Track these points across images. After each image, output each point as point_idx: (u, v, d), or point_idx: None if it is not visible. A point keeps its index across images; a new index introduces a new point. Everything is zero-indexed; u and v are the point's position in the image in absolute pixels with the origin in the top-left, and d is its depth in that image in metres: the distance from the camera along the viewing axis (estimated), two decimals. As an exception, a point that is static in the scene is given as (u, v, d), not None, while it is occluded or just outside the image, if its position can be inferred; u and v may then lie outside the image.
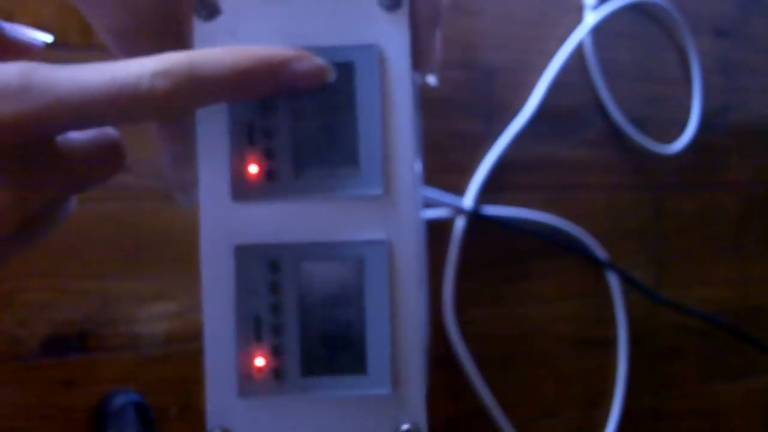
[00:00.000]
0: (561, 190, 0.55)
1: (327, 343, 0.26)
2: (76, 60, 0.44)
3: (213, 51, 0.22)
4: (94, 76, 0.21)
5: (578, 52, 0.56)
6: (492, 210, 0.53)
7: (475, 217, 0.52)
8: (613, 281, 0.56)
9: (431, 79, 0.31)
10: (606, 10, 0.57)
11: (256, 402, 0.26)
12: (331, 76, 0.24)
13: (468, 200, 0.52)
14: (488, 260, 0.53)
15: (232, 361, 0.26)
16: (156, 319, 0.43)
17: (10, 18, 0.41)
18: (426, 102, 0.49)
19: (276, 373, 0.26)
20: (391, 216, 0.26)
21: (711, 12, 0.63)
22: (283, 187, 0.26)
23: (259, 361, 0.26)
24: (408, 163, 0.26)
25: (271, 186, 0.26)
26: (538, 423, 0.53)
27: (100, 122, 0.22)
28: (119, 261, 0.43)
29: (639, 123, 0.58)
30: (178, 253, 0.44)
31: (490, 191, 0.52)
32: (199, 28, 0.25)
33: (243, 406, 0.26)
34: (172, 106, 0.21)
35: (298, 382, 0.26)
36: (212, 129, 0.26)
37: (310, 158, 0.26)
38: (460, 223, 0.52)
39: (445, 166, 0.52)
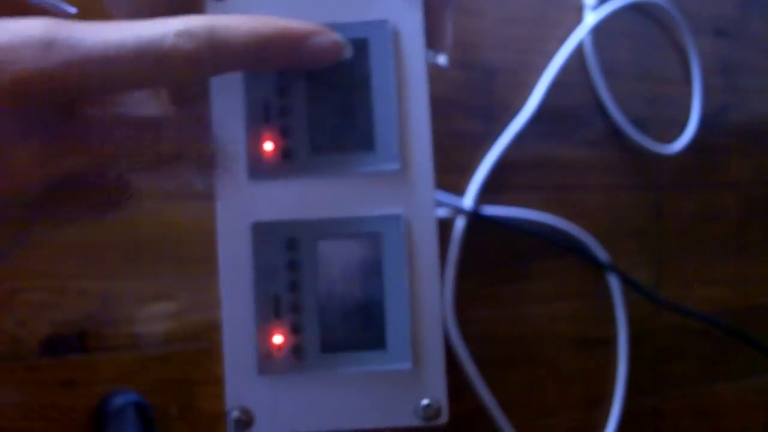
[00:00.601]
0: (561, 190, 0.55)
1: (346, 320, 0.26)
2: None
3: (235, 17, 0.22)
4: (119, 33, 0.21)
5: (578, 52, 0.56)
6: (492, 210, 0.53)
7: (474, 218, 0.52)
8: (614, 282, 0.56)
9: (442, 59, 0.31)
10: (606, 10, 0.57)
11: (275, 380, 0.26)
12: (348, 52, 0.24)
13: (468, 200, 0.52)
14: (488, 260, 0.53)
15: (251, 340, 0.26)
16: (156, 319, 0.43)
17: (10, 18, 0.41)
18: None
19: (295, 350, 0.26)
20: (408, 191, 0.26)
21: (711, 12, 0.63)
22: (299, 164, 0.26)
23: (278, 339, 0.26)
24: (424, 138, 0.26)
25: (287, 164, 0.26)
26: (538, 423, 0.53)
27: (123, 82, 0.21)
28: (119, 261, 0.43)
29: (639, 123, 0.58)
30: (178, 253, 0.44)
31: (490, 191, 0.52)
32: (212, 8, 0.25)
33: (262, 384, 0.26)
34: (193, 68, 0.21)
35: (317, 358, 0.26)
36: (227, 107, 0.26)
37: (325, 135, 0.26)
38: (459, 224, 0.52)
39: (444, 166, 0.52)
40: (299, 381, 0.26)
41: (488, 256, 0.53)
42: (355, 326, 0.26)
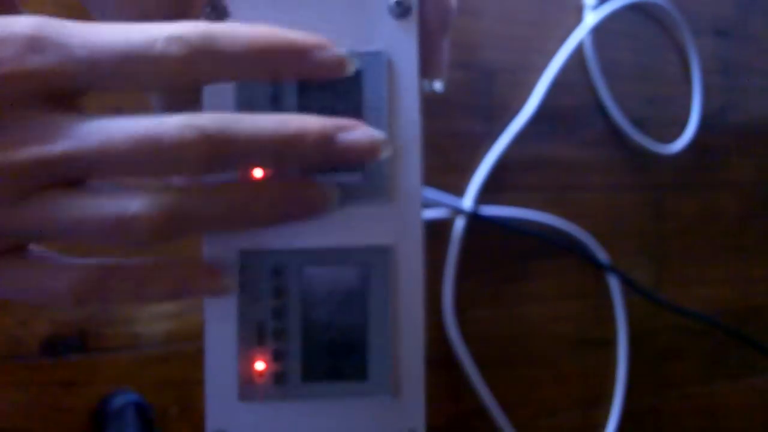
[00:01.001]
0: (561, 190, 0.55)
1: (329, 349, 0.26)
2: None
3: (234, 25, 0.21)
4: (109, 34, 0.20)
5: (578, 52, 0.56)
6: (491, 210, 0.53)
7: (474, 218, 0.52)
8: (613, 282, 0.56)
9: (438, 86, 0.31)
10: (606, 10, 0.57)
11: (256, 406, 0.26)
12: (352, 68, 0.23)
13: (467, 201, 0.52)
14: (488, 260, 0.53)
15: (233, 365, 0.26)
16: (156, 319, 0.43)
17: (10, 18, 0.41)
18: (426, 102, 0.49)
19: (277, 377, 0.26)
20: (396, 223, 0.26)
21: (711, 12, 0.63)
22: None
23: (260, 366, 0.26)
24: (415, 170, 0.26)
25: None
26: (538, 423, 0.53)
27: (110, 83, 0.21)
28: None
29: (639, 123, 0.58)
30: (178, 254, 0.44)
31: (489, 191, 0.52)
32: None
33: (243, 410, 0.26)
34: (183, 74, 0.20)
35: (299, 386, 0.26)
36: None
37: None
38: (459, 224, 0.52)
39: (444, 166, 0.52)
40: (280, 408, 0.26)
41: (488, 256, 0.53)
42: (338, 356, 0.26)
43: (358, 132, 0.23)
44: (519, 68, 0.55)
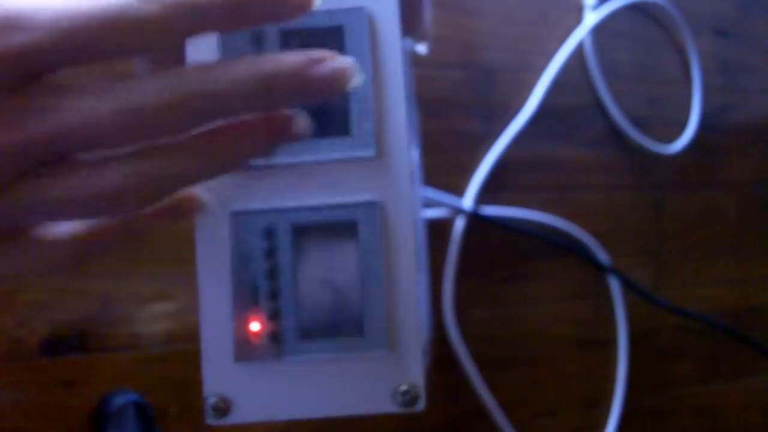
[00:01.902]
0: (561, 190, 0.55)
1: (323, 307, 0.26)
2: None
3: None
4: (78, 3, 0.19)
5: (578, 52, 0.56)
6: (491, 210, 0.53)
7: (474, 218, 0.52)
8: (613, 282, 0.56)
9: (422, 48, 0.31)
10: (606, 10, 0.57)
11: (253, 367, 0.26)
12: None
13: (467, 201, 0.52)
14: (488, 260, 0.53)
15: (228, 328, 0.26)
16: (156, 319, 0.43)
17: (10, 18, 0.41)
18: (426, 102, 0.49)
19: (273, 337, 0.26)
20: (383, 178, 0.26)
21: (711, 12, 0.63)
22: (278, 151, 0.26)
23: (256, 326, 0.26)
24: (400, 124, 0.26)
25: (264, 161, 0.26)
26: (538, 423, 0.53)
27: (88, 54, 0.20)
28: (119, 261, 0.43)
29: (639, 123, 0.58)
30: (178, 253, 0.44)
31: (489, 191, 0.52)
32: None
33: (239, 372, 0.26)
34: (164, 32, 0.20)
35: (295, 345, 0.26)
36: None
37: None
38: (459, 224, 0.52)
39: (444, 166, 0.52)
40: (276, 368, 0.26)
41: (488, 256, 0.53)
42: (332, 313, 0.26)
43: (335, 62, 0.22)
44: (519, 68, 0.55)
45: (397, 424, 0.49)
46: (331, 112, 0.26)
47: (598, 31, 0.57)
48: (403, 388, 0.26)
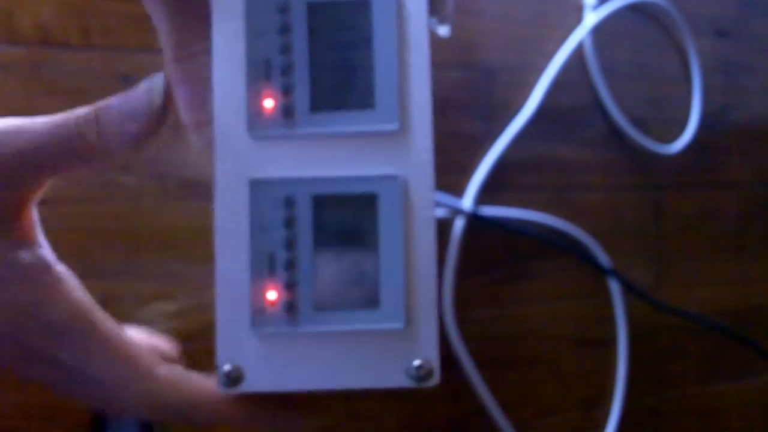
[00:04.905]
0: (561, 190, 0.55)
1: (340, 279, 0.26)
2: (75, 60, 0.44)
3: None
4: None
5: (578, 52, 0.56)
6: (491, 211, 0.53)
7: (474, 218, 0.52)
8: (613, 283, 0.56)
9: (443, 30, 0.31)
10: (606, 10, 0.57)
11: (267, 337, 0.26)
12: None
13: (467, 201, 0.52)
14: (488, 260, 0.53)
15: (244, 296, 0.26)
16: (156, 319, 0.43)
17: (10, 17, 0.41)
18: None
19: (289, 307, 0.26)
20: (406, 151, 0.26)
21: (711, 12, 0.63)
22: (298, 122, 0.26)
23: (272, 295, 0.26)
24: (424, 99, 0.26)
25: (286, 121, 0.26)
26: (538, 423, 0.53)
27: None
28: (119, 261, 0.43)
29: (639, 123, 0.58)
30: (178, 253, 0.44)
31: (489, 191, 0.52)
32: None
33: (254, 341, 0.26)
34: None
35: (310, 315, 0.26)
36: (228, 65, 0.26)
37: (326, 94, 0.26)
38: (459, 224, 0.52)
39: (444, 166, 0.52)
40: (291, 338, 0.26)
41: (488, 256, 0.53)
42: (349, 285, 0.26)
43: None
44: (519, 68, 0.55)
45: (397, 423, 0.49)
46: (355, 85, 0.26)
47: (598, 31, 0.57)
48: (417, 362, 0.26)
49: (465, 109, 0.53)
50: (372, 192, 0.26)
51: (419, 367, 0.26)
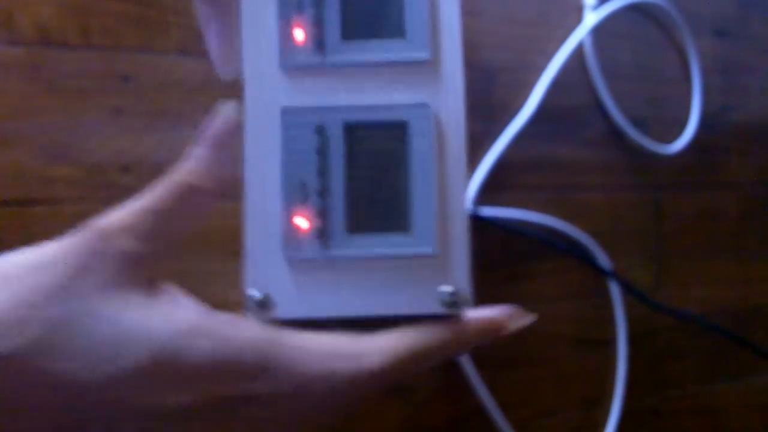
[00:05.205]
0: (561, 190, 0.55)
1: (372, 204, 0.26)
2: (75, 60, 0.44)
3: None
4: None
5: (578, 52, 0.56)
6: (491, 211, 0.53)
7: (474, 218, 0.52)
8: (613, 284, 0.56)
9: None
10: (606, 10, 0.57)
11: (297, 264, 0.26)
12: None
13: (467, 201, 0.52)
14: (488, 260, 0.53)
15: (275, 224, 0.26)
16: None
17: (10, 17, 0.41)
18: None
19: (320, 233, 0.26)
20: (436, 80, 0.26)
21: (711, 12, 0.63)
22: (329, 51, 0.26)
23: (304, 223, 0.26)
24: (455, 30, 0.26)
25: (317, 51, 0.26)
26: (538, 423, 0.53)
27: None
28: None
29: (639, 123, 0.58)
30: (179, 253, 0.44)
31: (489, 191, 0.52)
32: None
33: (283, 268, 0.26)
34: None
35: (342, 240, 0.26)
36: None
37: (356, 23, 0.26)
38: (460, 223, 0.52)
39: (445, 166, 0.52)
40: (322, 265, 0.26)
41: (488, 256, 0.53)
42: (381, 210, 0.26)
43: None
44: (519, 68, 0.55)
45: (397, 423, 0.49)
46: (385, 14, 0.26)
47: (598, 31, 0.57)
48: (449, 289, 0.26)
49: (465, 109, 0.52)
50: (403, 120, 0.26)
51: (452, 293, 0.26)
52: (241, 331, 0.23)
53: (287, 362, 0.23)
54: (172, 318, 0.23)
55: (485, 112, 0.53)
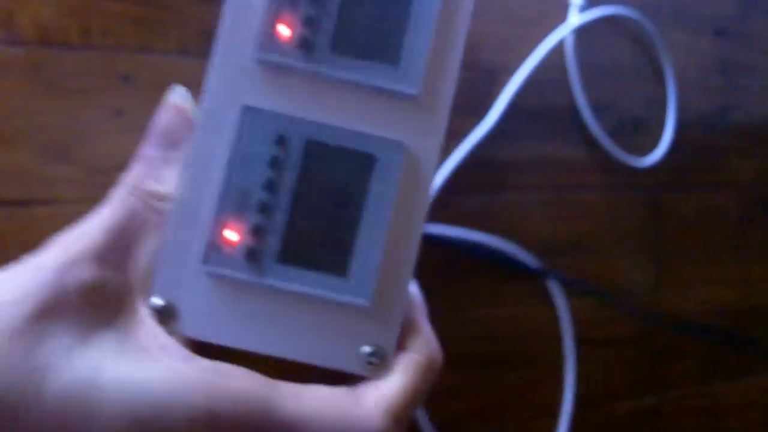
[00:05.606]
0: (560, 190, 0.55)
1: (314, 235, 0.23)
2: (75, 60, 0.44)
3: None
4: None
5: (578, 52, 0.56)
6: (438, 229, 0.52)
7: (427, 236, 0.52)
8: (553, 283, 0.56)
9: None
10: (605, 10, 0.57)
11: (216, 279, 0.23)
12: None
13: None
14: (488, 260, 0.53)
15: (202, 228, 0.23)
16: (156, 319, 0.43)
17: (10, 17, 0.41)
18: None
19: (250, 252, 0.23)
20: (420, 121, 0.24)
21: (711, 12, 0.63)
22: (314, 59, 0.23)
23: (234, 236, 0.23)
24: (452, 72, 0.24)
25: (301, 54, 0.23)
26: (538, 423, 0.53)
27: None
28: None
29: (639, 123, 0.58)
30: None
31: (487, 191, 0.52)
32: None
33: (200, 280, 0.23)
34: None
35: (271, 266, 0.23)
36: None
37: (351, 40, 0.23)
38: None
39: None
40: (242, 288, 0.23)
41: (488, 255, 0.53)
42: (322, 245, 0.23)
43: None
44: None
45: (397, 424, 0.49)
46: (384, 34, 0.23)
47: (597, 31, 0.57)
48: (369, 349, 0.23)
49: (465, 109, 0.53)
50: (371, 153, 0.23)
51: (371, 354, 0.23)
52: (232, 382, 0.20)
53: (287, 427, 0.20)
54: (152, 369, 0.20)
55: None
